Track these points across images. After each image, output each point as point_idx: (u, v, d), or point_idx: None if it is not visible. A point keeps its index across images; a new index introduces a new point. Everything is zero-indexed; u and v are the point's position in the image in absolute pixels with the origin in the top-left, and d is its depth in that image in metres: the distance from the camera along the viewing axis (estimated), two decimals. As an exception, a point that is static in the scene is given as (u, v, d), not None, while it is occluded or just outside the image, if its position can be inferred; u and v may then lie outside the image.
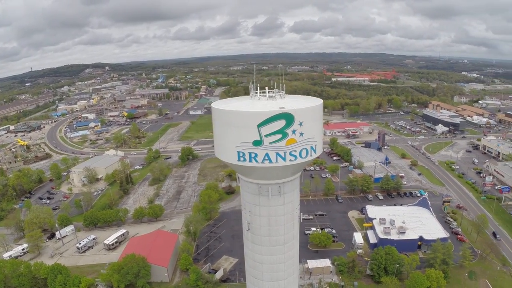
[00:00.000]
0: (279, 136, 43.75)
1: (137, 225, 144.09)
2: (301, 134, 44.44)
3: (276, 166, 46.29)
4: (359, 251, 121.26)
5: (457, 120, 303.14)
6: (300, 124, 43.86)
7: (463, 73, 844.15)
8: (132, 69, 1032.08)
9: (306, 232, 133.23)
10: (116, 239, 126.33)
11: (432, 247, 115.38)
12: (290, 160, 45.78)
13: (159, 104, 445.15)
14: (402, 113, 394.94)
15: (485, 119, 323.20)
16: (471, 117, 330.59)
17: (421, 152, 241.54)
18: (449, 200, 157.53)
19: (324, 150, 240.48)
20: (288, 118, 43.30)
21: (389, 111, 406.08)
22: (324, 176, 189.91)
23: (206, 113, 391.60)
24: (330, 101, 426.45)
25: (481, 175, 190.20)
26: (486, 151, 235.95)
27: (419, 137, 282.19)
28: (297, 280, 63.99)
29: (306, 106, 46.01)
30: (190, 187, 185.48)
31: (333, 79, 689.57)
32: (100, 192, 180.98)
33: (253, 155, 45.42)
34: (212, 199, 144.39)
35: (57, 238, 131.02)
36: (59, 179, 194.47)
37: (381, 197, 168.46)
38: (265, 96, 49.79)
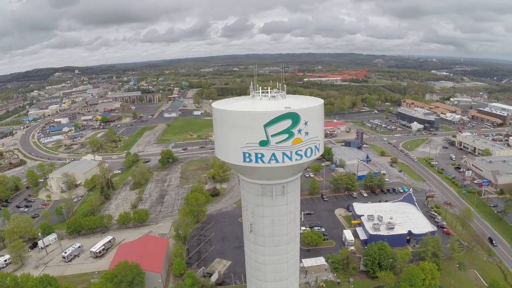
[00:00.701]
0: (286, 136, 43.55)
1: (123, 231, 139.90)
2: (306, 133, 44.39)
3: (283, 166, 45.99)
4: (351, 248, 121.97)
5: (432, 118, 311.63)
6: (305, 123, 43.80)
7: (432, 71, 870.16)
8: (102, 72, 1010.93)
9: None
10: (103, 246, 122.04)
11: (423, 240, 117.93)
12: (296, 159, 45.61)
13: (132, 107, 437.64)
14: (377, 111, 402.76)
15: (458, 116, 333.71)
16: (444, 114, 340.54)
17: (399, 149, 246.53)
18: (433, 195, 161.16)
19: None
20: (294, 117, 43.13)
21: (364, 110, 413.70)
22: (307, 175, 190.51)
23: (180, 115, 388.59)
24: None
25: (461, 169, 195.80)
26: (462, 147, 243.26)
27: (395, 135, 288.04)
28: (298, 279, 63.56)
29: (310, 106, 45.78)
30: (173, 190, 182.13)
31: (305, 79, 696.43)
32: (80, 198, 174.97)
33: (259, 155, 44.93)
34: (200, 202, 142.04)
35: (40, 247, 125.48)
36: (36, 186, 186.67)
37: (365, 195, 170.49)
38: (267, 96, 49.16)
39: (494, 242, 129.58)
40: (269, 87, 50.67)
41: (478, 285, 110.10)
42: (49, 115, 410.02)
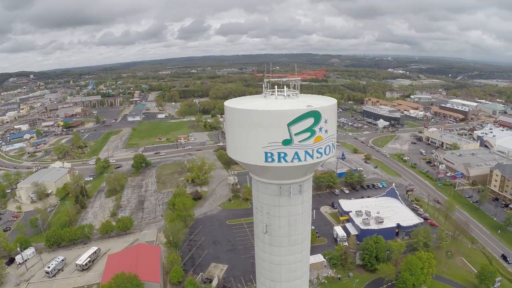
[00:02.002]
0: (308, 134, 43.22)
1: (105, 241, 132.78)
2: (326, 131, 44.32)
3: (304, 164, 45.55)
4: (344, 243, 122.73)
5: (397, 115, 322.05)
6: (326, 121, 43.73)
7: (389, 70, 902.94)
8: (57, 76, 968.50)
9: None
10: (89, 258, 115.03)
11: (413, 232, 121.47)
12: (317, 157, 45.38)
13: (94, 112, 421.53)
14: (341, 110, 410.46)
15: (421, 113, 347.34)
16: (408, 111, 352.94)
17: (370, 146, 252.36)
18: (412, 188, 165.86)
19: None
20: (316, 116, 42.94)
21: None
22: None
23: (145, 119, 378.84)
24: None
25: (435, 163, 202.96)
26: (430, 142, 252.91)
27: (364, 132, 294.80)
28: (308, 276, 62.80)
29: (329, 104, 45.71)
30: (152, 195, 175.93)
31: (265, 80, 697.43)
32: (53, 208, 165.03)
33: (282, 154, 44.15)
34: (187, 206, 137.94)
35: (18, 263, 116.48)
36: (4, 197, 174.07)
37: (347, 191, 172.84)
38: (282, 95, 48.60)
39: (508, 259, 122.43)
40: (285, 86, 50.10)
41: (467, 271, 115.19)
42: (7, 122, 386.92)
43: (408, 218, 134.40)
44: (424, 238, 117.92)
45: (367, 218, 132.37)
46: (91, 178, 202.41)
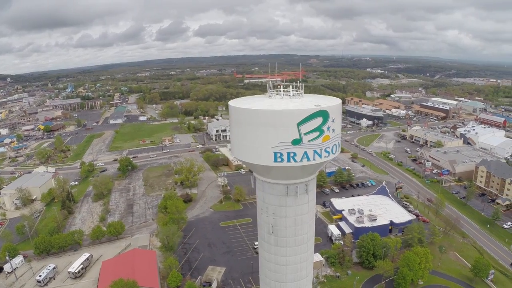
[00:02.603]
0: (317, 133, 43.48)
1: (97, 247, 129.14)
2: (333, 130, 44.82)
3: (313, 164, 45.86)
4: (339, 242, 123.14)
5: (380, 114, 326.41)
6: (333, 121, 44.16)
7: (368, 69, 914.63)
8: (35, 79, 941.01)
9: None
10: (82, 265, 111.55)
11: (408, 228, 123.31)
12: (325, 156, 45.77)
13: (74, 115, 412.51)
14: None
15: (404, 112, 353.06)
16: (390, 110, 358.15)
17: (355, 145, 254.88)
18: (401, 186, 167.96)
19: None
20: (324, 115, 43.26)
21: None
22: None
23: (126, 122, 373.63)
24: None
25: (422, 161, 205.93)
26: (414, 140, 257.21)
27: (348, 132, 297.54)
28: (312, 275, 63.44)
29: (336, 103, 46.16)
30: (141, 199, 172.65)
31: (245, 81, 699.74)
32: (38, 214, 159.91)
33: (291, 154, 44.23)
34: (180, 209, 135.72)
35: (7, 272, 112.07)
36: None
37: (337, 190, 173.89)
38: (288, 95, 49.04)
39: None
40: (290, 86, 50.34)
41: (461, 265, 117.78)
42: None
43: (400, 215, 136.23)
44: (418, 234, 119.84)
45: (361, 216, 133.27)
46: (76, 183, 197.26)
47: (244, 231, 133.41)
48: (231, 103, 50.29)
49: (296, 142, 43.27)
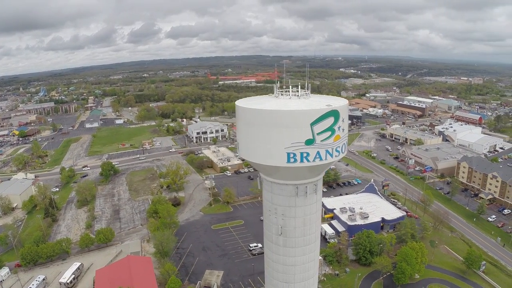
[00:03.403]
0: (329, 133, 43.86)
1: (86, 255, 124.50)
2: (343, 130, 45.35)
3: (325, 163, 46.22)
4: (332, 240, 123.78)
5: (358, 113, 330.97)
6: (343, 120, 44.73)
7: (341, 69, 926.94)
8: (5, 84, 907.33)
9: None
10: (73, 275, 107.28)
11: (401, 224, 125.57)
12: (335, 156, 46.32)
13: (49, 119, 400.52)
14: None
15: (381, 111, 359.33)
16: (367, 109, 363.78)
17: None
18: (388, 184, 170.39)
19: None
20: (336, 115, 43.69)
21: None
22: (258, 176, 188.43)
23: (103, 125, 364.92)
24: (231, 103, 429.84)
25: (405, 158, 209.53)
26: (393, 139, 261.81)
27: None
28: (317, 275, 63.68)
29: (344, 103, 46.65)
30: (127, 204, 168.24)
31: (220, 82, 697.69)
32: (20, 223, 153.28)
33: (304, 154, 44.36)
34: (172, 213, 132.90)
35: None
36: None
37: (324, 189, 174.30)
38: (296, 95, 49.34)
39: None
40: (299, 86, 50.40)
41: (452, 258, 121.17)
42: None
43: (390, 212, 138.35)
44: (411, 230, 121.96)
45: (353, 214, 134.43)
46: (57, 189, 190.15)
47: (237, 234, 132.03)
48: (240, 104, 49.72)
49: (310, 142, 43.30)
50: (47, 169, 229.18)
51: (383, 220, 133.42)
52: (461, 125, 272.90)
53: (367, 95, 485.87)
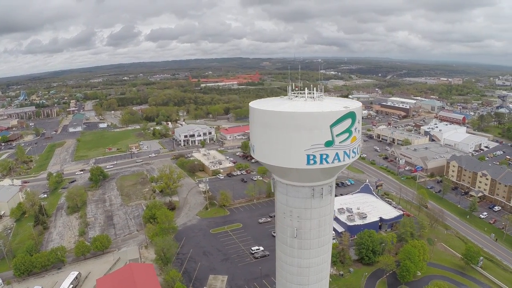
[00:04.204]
0: (347, 135, 44.38)
1: (82, 263, 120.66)
2: (358, 131, 46.02)
3: (342, 164, 46.49)
4: (334, 240, 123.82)
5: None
6: (358, 122, 45.36)
7: (321, 71, 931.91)
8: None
9: (274, 234, 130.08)
10: (71, 285, 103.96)
11: (401, 223, 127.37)
12: (352, 157, 46.82)
13: (31, 124, 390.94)
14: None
15: (365, 111, 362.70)
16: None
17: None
18: (381, 184, 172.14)
19: (237, 154, 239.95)
20: (353, 116, 44.19)
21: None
22: (255, 178, 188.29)
23: (86, 129, 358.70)
24: (216, 106, 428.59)
25: (396, 159, 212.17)
26: (381, 139, 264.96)
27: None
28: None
29: (359, 105, 47.13)
30: (119, 209, 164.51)
31: (202, 85, 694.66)
32: (9, 231, 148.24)
33: (324, 156, 44.70)
34: (170, 218, 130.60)
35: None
36: None
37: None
38: (311, 97, 49.75)
39: None
40: (315, 88, 50.85)
41: (450, 255, 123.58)
42: None
43: (387, 211, 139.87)
44: (410, 228, 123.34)
45: (351, 215, 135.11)
46: (45, 195, 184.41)
47: (237, 237, 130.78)
48: (257, 105, 49.58)
49: (329, 144, 43.64)
50: (32, 174, 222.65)
51: (381, 219, 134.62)
52: (446, 125, 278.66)
53: (350, 96, 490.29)
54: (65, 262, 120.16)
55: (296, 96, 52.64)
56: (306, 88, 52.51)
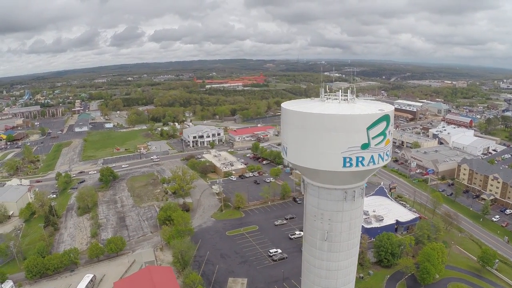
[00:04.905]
0: (382, 137, 44.76)
1: (96, 265, 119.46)
2: (391, 134, 46.77)
3: (376, 167, 46.93)
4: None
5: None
6: (391, 125, 46.08)
7: (325, 73, 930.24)
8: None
9: (291, 236, 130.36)
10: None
11: (418, 225, 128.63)
12: (385, 159, 47.34)
13: (36, 123, 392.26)
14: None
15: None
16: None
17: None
18: (395, 186, 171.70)
19: (247, 155, 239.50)
20: (387, 119, 44.66)
21: (279, 113, 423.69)
22: (268, 180, 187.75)
23: (92, 129, 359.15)
24: (222, 107, 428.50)
25: (408, 161, 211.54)
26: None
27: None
28: None
29: (391, 108, 47.55)
30: (132, 211, 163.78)
31: (207, 86, 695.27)
32: (18, 232, 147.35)
33: (360, 159, 44.92)
34: (187, 220, 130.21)
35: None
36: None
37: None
38: (345, 99, 50.42)
39: None
40: (349, 91, 51.24)
41: (465, 257, 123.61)
42: None
43: (403, 214, 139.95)
44: (427, 231, 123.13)
45: (368, 217, 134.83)
46: (54, 196, 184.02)
47: (254, 239, 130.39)
48: (289, 107, 49.63)
49: (365, 146, 43.96)
50: (40, 174, 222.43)
51: (397, 222, 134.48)
52: (454, 128, 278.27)
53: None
54: (78, 264, 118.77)
55: (328, 98, 52.80)
56: (340, 90, 52.94)
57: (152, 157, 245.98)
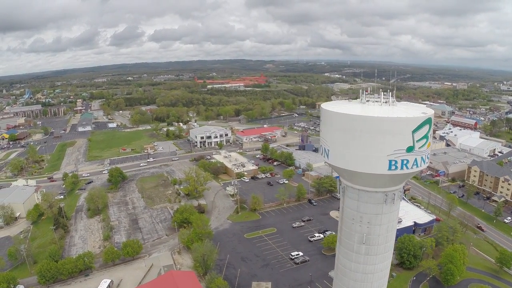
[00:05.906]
0: (425, 140, 44.91)
1: (111, 270, 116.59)
2: (431, 137, 47.34)
3: (419, 170, 46.97)
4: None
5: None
6: (432, 128, 46.31)
7: (326, 74, 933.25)
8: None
9: (311, 239, 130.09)
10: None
11: (438, 227, 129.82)
12: (427, 162, 47.50)
13: (38, 122, 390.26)
14: (297, 114, 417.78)
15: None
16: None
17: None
18: (409, 188, 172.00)
19: (257, 156, 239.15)
20: (430, 122, 44.91)
21: (283, 114, 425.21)
22: (281, 182, 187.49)
23: (96, 129, 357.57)
24: (226, 107, 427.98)
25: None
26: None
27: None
28: None
29: (432, 112, 47.48)
30: (144, 213, 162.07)
31: (208, 86, 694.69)
32: (26, 234, 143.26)
33: (405, 161, 44.97)
34: (206, 223, 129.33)
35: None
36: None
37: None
38: (387, 102, 50.34)
39: None
40: (390, 93, 50.85)
41: (482, 258, 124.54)
42: None
43: (420, 216, 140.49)
44: (446, 233, 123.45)
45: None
46: (62, 196, 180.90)
47: (274, 242, 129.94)
48: (331, 108, 49.45)
49: (410, 149, 44.16)
50: (45, 174, 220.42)
51: (415, 224, 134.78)
52: (460, 130, 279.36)
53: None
54: (93, 269, 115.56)
55: (368, 100, 52.83)
56: (382, 93, 52.86)
57: (172, 158, 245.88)
